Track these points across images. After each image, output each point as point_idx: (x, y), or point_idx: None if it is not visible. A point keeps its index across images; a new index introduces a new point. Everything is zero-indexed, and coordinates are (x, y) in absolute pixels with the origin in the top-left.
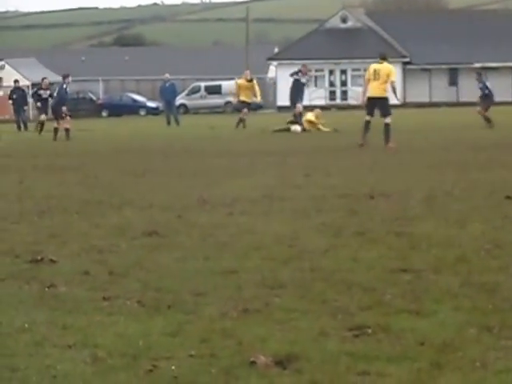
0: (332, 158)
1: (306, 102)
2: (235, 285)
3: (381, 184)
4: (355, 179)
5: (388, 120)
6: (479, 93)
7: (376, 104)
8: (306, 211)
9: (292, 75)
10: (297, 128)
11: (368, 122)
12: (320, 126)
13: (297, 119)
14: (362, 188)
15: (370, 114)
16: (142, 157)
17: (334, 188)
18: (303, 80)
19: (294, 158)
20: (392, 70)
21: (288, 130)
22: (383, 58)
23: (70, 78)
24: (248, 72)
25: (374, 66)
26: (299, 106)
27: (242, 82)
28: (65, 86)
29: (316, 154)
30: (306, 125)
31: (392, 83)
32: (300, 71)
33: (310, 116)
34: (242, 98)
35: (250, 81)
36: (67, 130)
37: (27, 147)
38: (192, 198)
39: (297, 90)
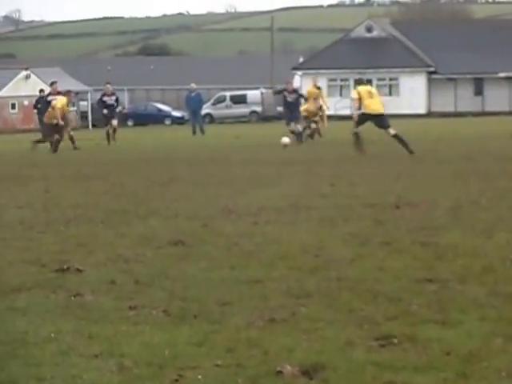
0: (357, 167)
1: (331, 111)
2: (261, 294)
3: (406, 193)
4: (381, 188)
5: (393, 131)
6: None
7: (373, 119)
8: (332, 221)
9: (276, 93)
10: (285, 140)
11: (357, 134)
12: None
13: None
14: (387, 197)
15: (361, 125)
16: (168, 166)
17: (359, 197)
18: (289, 99)
19: (319, 167)
20: None
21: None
22: (362, 82)
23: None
24: (317, 78)
25: (364, 88)
26: (293, 126)
27: (311, 89)
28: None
29: (341, 163)
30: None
31: (381, 100)
32: (285, 89)
33: (311, 106)
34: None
35: (319, 88)
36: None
37: (52, 156)
38: (217, 207)
39: (287, 109)
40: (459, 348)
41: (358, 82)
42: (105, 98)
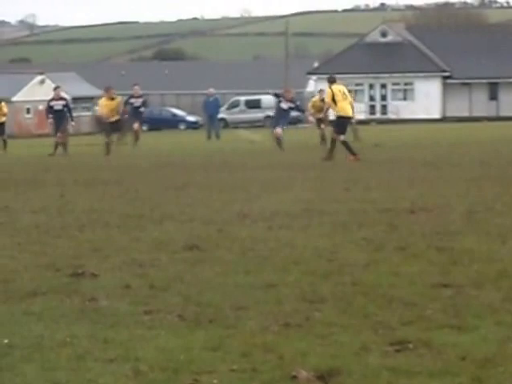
0: (371, 172)
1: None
2: (276, 299)
3: (421, 198)
4: (395, 193)
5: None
6: None
7: (348, 123)
8: (347, 225)
9: (274, 95)
10: (244, 133)
11: (345, 142)
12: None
13: (277, 142)
14: (402, 202)
15: (344, 133)
16: (183, 171)
17: (374, 202)
18: (284, 106)
19: (333, 172)
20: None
21: None
22: (334, 81)
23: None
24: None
25: (338, 88)
26: (278, 131)
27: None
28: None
29: (355, 168)
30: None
31: (351, 103)
32: (282, 95)
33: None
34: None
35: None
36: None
37: (67, 161)
38: (232, 211)
39: (278, 115)
40: (475, 353)
41: (331, 81)
42: (132, 100)
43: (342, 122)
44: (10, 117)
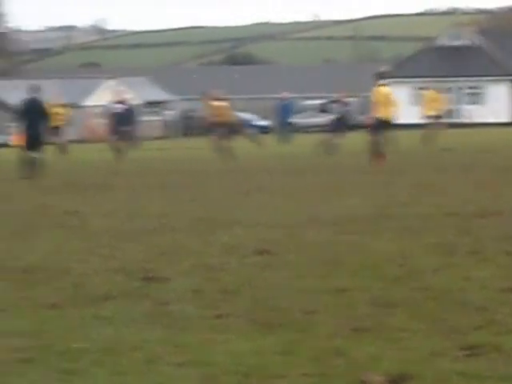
0: (440, 176)
1: (415, 120)
2: (346, 303)
3: (490, 202)
4: (464, 197)
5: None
6: None
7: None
8: (416, 230)
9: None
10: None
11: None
12: None
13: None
14: (472, 206)
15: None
16: (251, 175)
17: (442, 206)
18: (339, 111)
19: (401, 176)
20: None
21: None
22: (384, 78)
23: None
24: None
25: (388, 90)
26: (336, 140)
27: (431, 93)
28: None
29: (422, 172)
30: None
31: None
32: (337, 101)
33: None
34: (431, 112)
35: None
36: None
37: (132, 165)
38: (301, 216)
39: (336, 121)
40: None
41: (382, 76)
42: None
43: (381, 125)
44: (80, 121)
